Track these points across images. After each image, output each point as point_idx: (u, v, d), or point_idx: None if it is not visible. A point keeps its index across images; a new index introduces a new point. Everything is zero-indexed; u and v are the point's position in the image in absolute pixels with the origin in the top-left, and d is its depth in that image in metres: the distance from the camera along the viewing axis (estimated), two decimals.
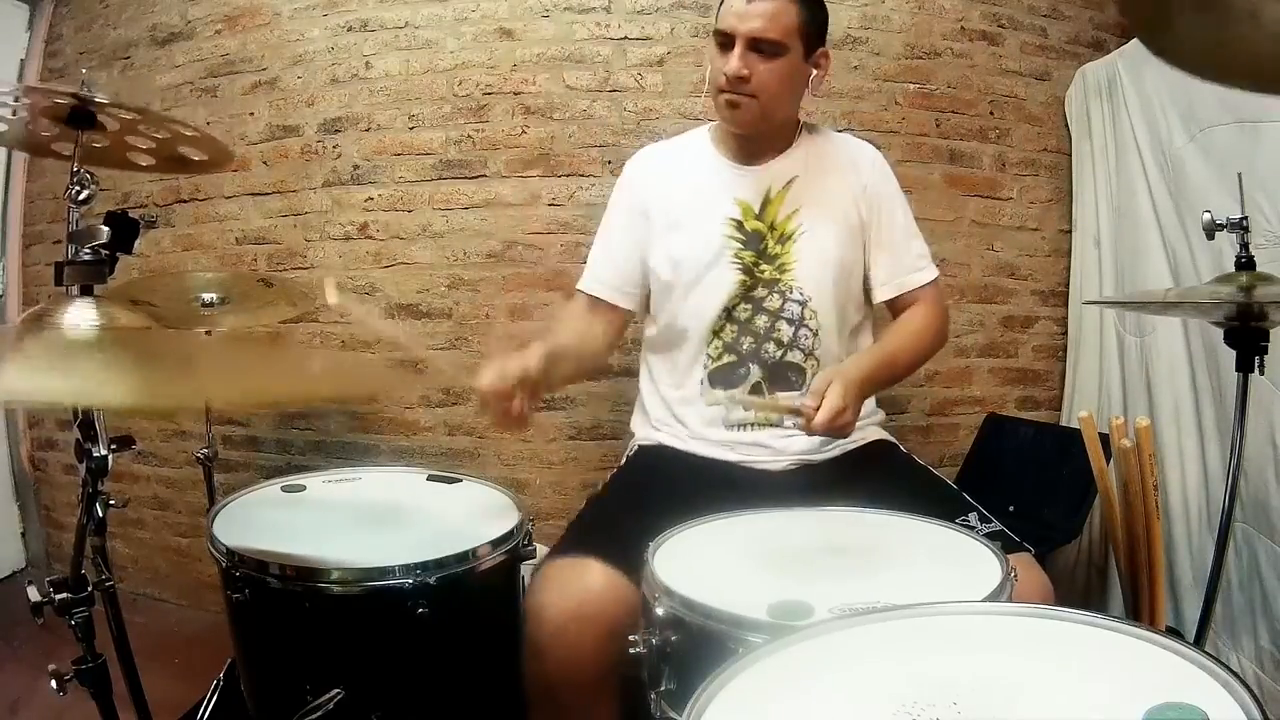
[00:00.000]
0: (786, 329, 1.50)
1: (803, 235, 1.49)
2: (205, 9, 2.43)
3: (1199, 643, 1.51)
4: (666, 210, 1.55)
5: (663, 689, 0.97)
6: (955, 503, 1.35)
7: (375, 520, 1.37)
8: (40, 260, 2.68)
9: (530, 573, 1.30)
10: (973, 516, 1.29)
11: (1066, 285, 2.44)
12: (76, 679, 1.09)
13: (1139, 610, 1.65)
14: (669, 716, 0.94)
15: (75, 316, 0.97)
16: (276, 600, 1.18)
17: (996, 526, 1.28)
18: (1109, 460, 1.67)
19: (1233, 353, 1.43)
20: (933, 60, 2.32)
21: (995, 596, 0.93)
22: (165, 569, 2.60)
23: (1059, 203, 2.43)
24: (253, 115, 2.38)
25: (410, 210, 2.31)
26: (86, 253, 1.02)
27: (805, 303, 1.49)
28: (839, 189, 1.52)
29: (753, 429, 1.49)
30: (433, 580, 1.16)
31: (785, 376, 1.50)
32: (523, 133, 2.25)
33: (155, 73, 2.48)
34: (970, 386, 2.40)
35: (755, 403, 1.47)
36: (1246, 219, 1.41)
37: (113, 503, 1.12)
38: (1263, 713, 0.60)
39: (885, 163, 1.58)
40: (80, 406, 1.05)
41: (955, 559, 1.06)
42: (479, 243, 2.29)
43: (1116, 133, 2.22)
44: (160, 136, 1.25)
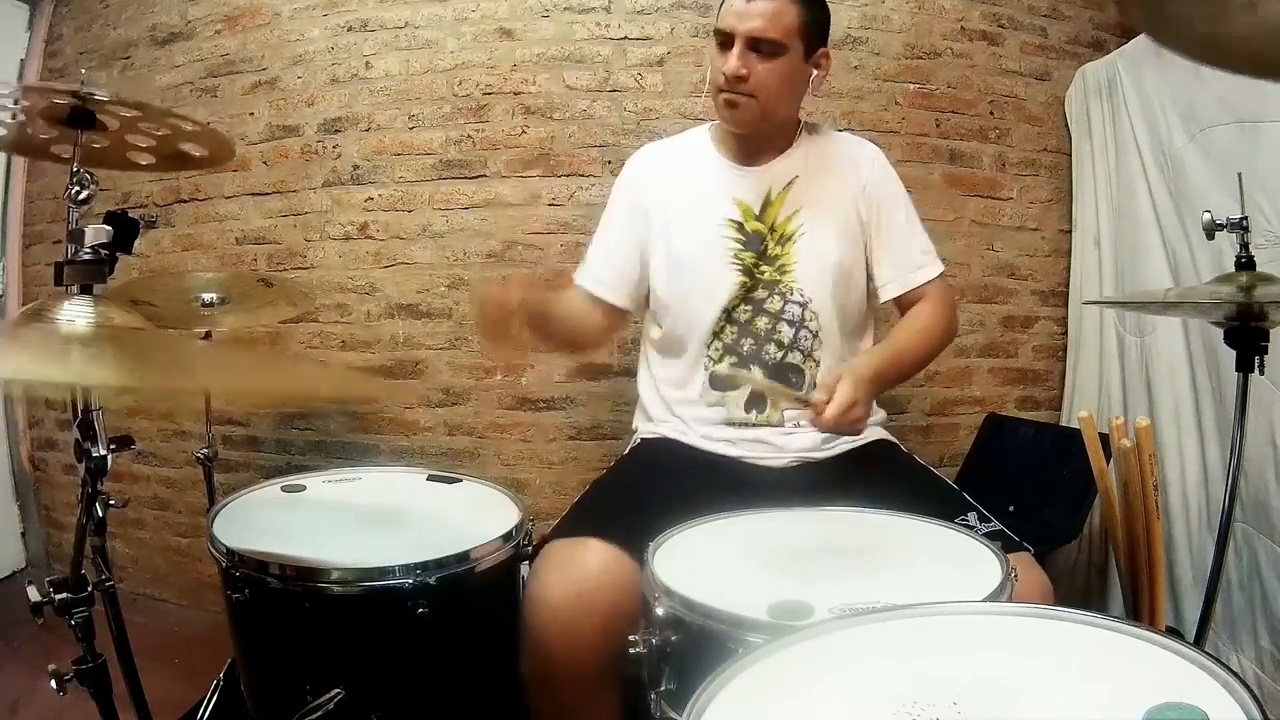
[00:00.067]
0: (787, 330, 1.49)
1: (803, 236, 1.49)
2: (205, 9, 2.43)
3: (1199, 643, 1.51)
4: (666, 210, 1.55)
5: (663, 689, 0.97)
6: (955, 502, 1.35)
7: (375, 520, 1.38)
8: (40, 260, 2.68)
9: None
10: (973, 516, 1.29)
11: (1066, 285, 2.44)
12: (76, 679, 1.09)
13: (1139, 610, 1.65)
14: (669, 716, 0.94)
15: (70, 312, 0.97)
16: (276, 600, 1.18)
17: (996, 526, 1.28)
18: (1109, 460, 1.67)
19: (1233, 353, 1.43)
20: (933, 60, 2.32)
21: (995, 596, 0.93)
22: (165, 569, 2.60)
23: (1059, 203, 2.43)
24: (253, 115, 2.38)
25: (410, 210, 2.31)
26: (86, 252, 1.02)
27: (805, 304, 1.49)
28: (839, 189, 1.52)
29: (755, 427, 1.49)
30: (433, 580, 1.16)
31: (786, 378, 1.50)
32: (523, 133, 2.26)
33: (155, 73, 2.48)
34: (970, 386, 2.40)
35: (767, 386, 1.46)
36: (1246, 219, 1.41)
37: (113, 503, 1.12)
38: (1263, 713, 0.60)
39: (886, 161, 1.58)
40: (70, 388, 1.05)
41: (955, 559, 1.06)
42: (479, 243, 2.29)
43: (1116, 133, 2.22)
44: (160, 133, 1.25)
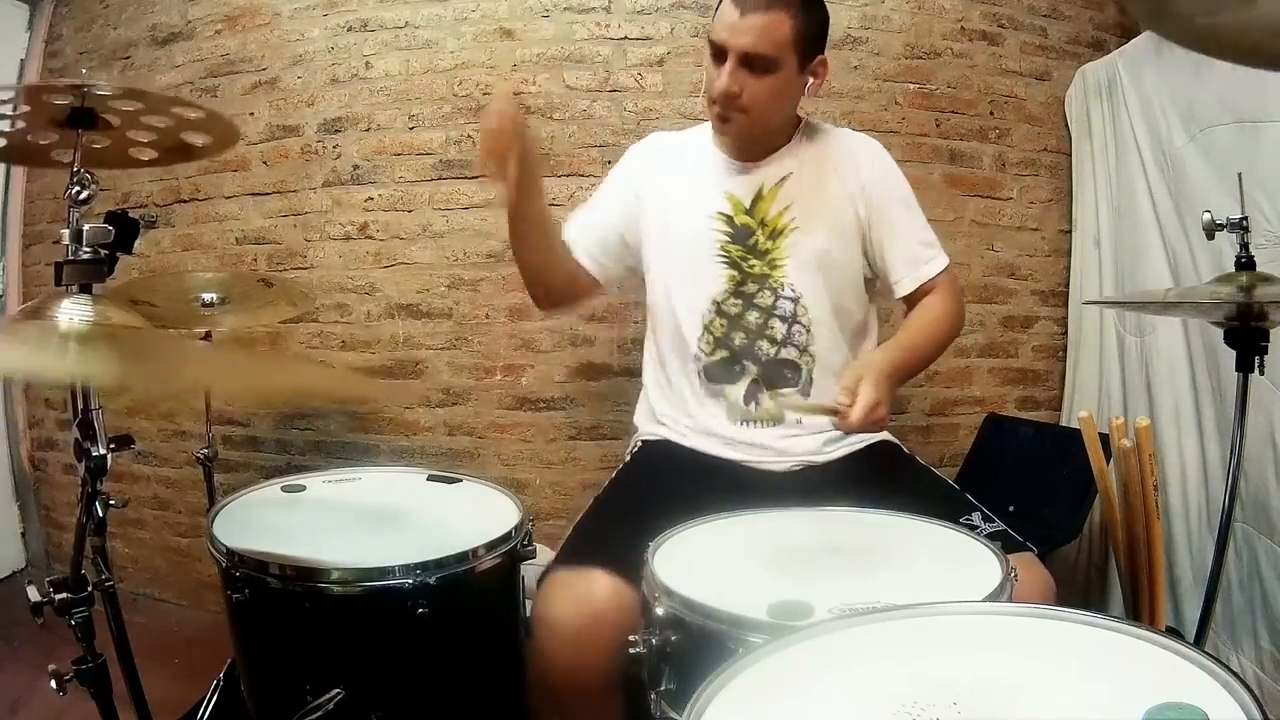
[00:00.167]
0: (780, 326, 1.49)
1: (794, 232, 1.49)
2: (205, 9, 2.43)
3: (1199, 643, 1.51)
4: (659, 199, 1.55)
5: (663, 689, 0.97)
6: (958, 503, 1.35)
7: (375, 520, 1.38)
8: (40, 260, 2.68)
9: (533, 575, 1.30)
10: (976, 516, 1.29)
11: (1066, 285, 2.44)
12: (76, 679, 1.09)
13: (1139, 610, 1.65)
14: (669, 716, 0.94)
15: (68, 310, 0.97)
16: (276, 600, 1.18)
17: (1000, 526, 1.28)
18: (1109, 460, 1.67)
19: (1233, 353, 1.43)
20: (933, 60, 2.32)
21: (995, 596, 0.93)
22: (165, 569, 2.60)
23: (1059, 203, 2.43)
24: (253, 115, 2.38)
25: (410, 210, 2.31)
26: (86, 252, 1.02)
27: (797, 299, 1.49)
28: (835, 187, 1.51)
29: (758, 426, 1.49)
30: (433, 580, 1.16)
31: (781, 374, 1.50)
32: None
33: (155, 73, 2.48)
34: (970, 386, 2.40)
35: (795, 405, 1.47)
36: (1246, 219, 1.41)
37: (113, 503, 1.12)
38: (1263, 713, 0.60)
39: (886, 156, 1.56)
40: (65, 383, 1.05)
41: (955, 559, 1.06)
42: (479, 243, 2.29)
43: (1116, 133, 2.22)
44: (163, 125, 1.23)
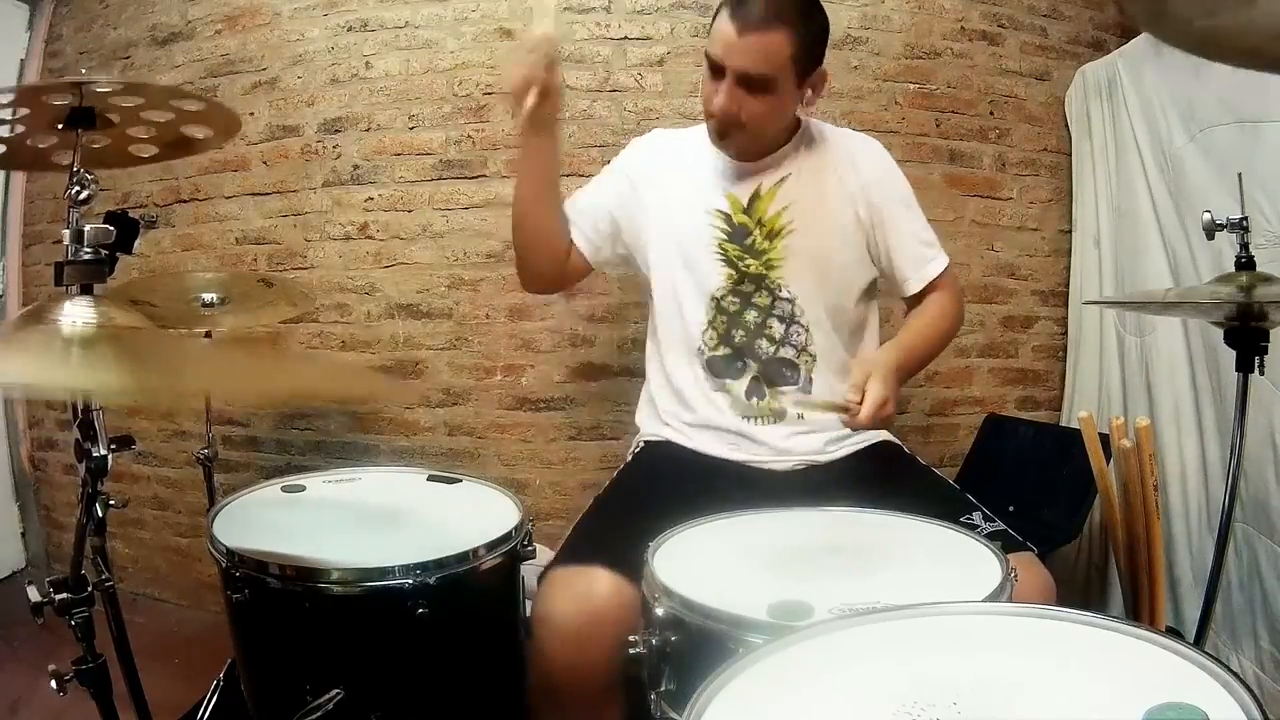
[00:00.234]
0: (778, 326, 1.50)
1: (792, 233, 1.49)
2: (205, 9, 2.43)
3: (1199, 643, 1.51)
4: (658, 194, 1.55)
5: (663, 689, 0.97)
6: (959, 503, 1.35)
7: (375, 520, 1.37)
8: (40, 260, 2.68)
9: (532, 575, 1.30)
10: (976, 516, 1.30)
11: (1066, 285, 2.44)
12: (76, 679, 1.09)
13: (1139, 610, 1.65)
14: (669, 716, 0.94)
15: (71, 313, 0.97)
16: (276, 600, 1.18)
17: (1000, 526, 1.28)
18: (1109, 460, 1.67)
19: (1233, 353, 1.43)
20: (933, 60, 2.32)
21: (995, 596, 0.93)
22: (165, 569, 2.60)
23: (1059, 203, 2.43)
24: (253, 115, 2.37)
25: (410, 210, 2.31)
26: (86, 252, 1.01)
27: (794, 300, 1.49)
28: (835, 188, 1.51)
29: (760, 423, 1.49)
30: (433, 580, 1.15)
31: (780, 372, 1.50)
32: None
33: (155, 73, 2.48)
34: (970, 386, 2.40)
35: (806, 403, 1.49)
36: (1246, 219, 1.41)
37: (113, 503, 1.12)
38: (1263, 713, 0.60)
39: (887, 156, 1.57)
40: (72, 395, 1.04)
41: (955, 559, 1.06)
42: (479, 243, 2.29)
43: (1116, 133, 2.22)
44: (163, 120, 1.23)
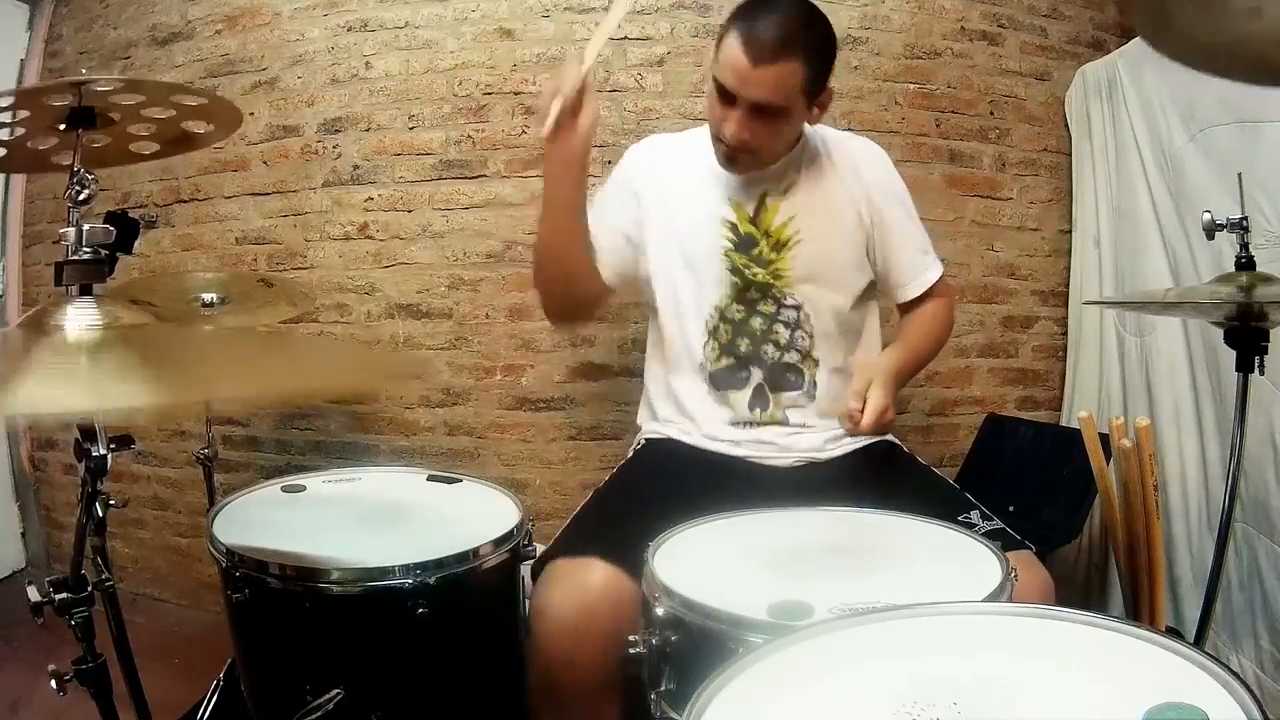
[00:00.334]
0: (784, 332, 1.50)
1: (799, 243, 1.49)
2: (205, 9, 2.43)
3: (1199, 643, 1.51)
4: (662, 203, 1.54)
5: (663, 689, 0.97)
6: (957, 502, 1.35)
7: (375, 520, 1.38)
8: (40, 260, 2.68)
9: (530, 570, 1.30)
10: (975, 515, 1.30)
11: (1066, 285, 2.44)
12: (76, 679, 1.09)
13: (1139, 610, 1.65)
14: (669, 716, 0.94)
15: (78, 318, 0.96)
16: (276, 600, 1.18)
17: (998, 525, 1.28)
18: (1109, 460, 1.67)
19: (1233, 353, 1.43)
20: (933, 60, 2.32)
21: (995, 596, 0.93)
22: (165, 569, 2.60)
23: (1059, 203, 2.43)
24: (253, 115, 2.37)
25: (410, 210, 2.31)
26: (86, 252, 1.01)
27: (800, 306, 1.49)
28: (840, 195, 1.51)
29: (760, 426, 1.50)
30: (432, 580, 1.16)
31: (785, 377, 1.50)
32: (523, 133, 2.25)
33: (155, 73, 2.48)
34: (970, 386, 2.40)
35: (820, 410, 1.50)
36: (1246, 219, 1.41)
37: (113, 503, 1.11)
38: (1263, 713, 0.60)
39: (888, 161, 1.58)
40: (102, 417, 1.02)
41: (955, 559, 1.06)
42: (479, 243, 2.29)
43: (1116, 133, 2.22)
44: (163, 116, 1.22)
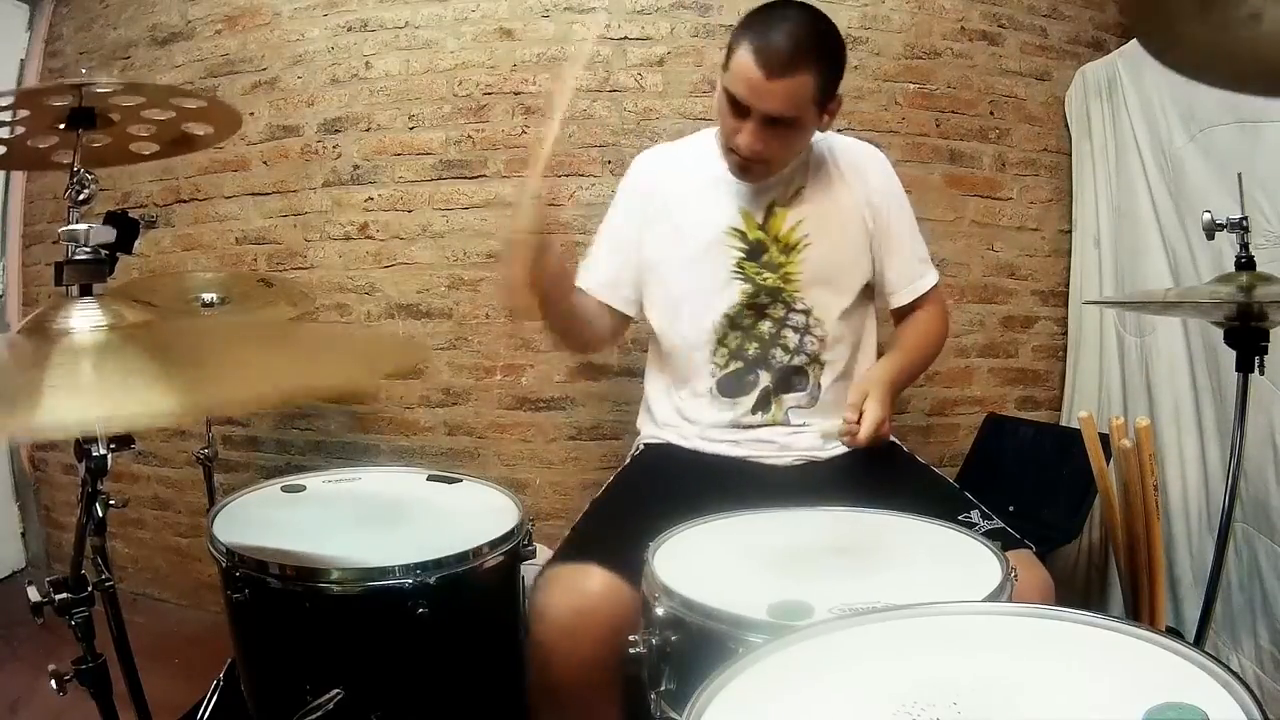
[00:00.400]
0: (793, 336, 1.50)
1: (808, 247, 1.49)
2: (205, 9, 2.43)
3: (1199, 643, 1.51)
4: (669, 213, 1.54)
5: (663, 689, 0.97)
6: (957, 501, 1.35)
7: (375, 520, 1.38)
8: (40, 260, 2.68)
9: (532, 575, 1.30)
10: (974, 514, 1.30)
11: (1066, 285, 2.44)
12: (76, 679, 1.09)
13: (1139, 610, 1.65)
14: (669, 716, 0.94)
15: (84, 320, 0.95)
16: (276, 600, 1.18)
17: (998, 524, 1.28)
18: (1109, 460, 1.67)
19: (1233, 353, 1.43)
20: (933, 60, 2.32)
21: (995, 596, 0.93)
22: (165, 569, 2.60)
23: (1059, 203, 2.43)
24: (253, 115, 2.37)
25: (410, 210, 2.31)
26: (86, 252, 1.01)
27: (809, 311, 1.49)
28: (846, 199, 1.52)
29: (760, 427, 1.50)
30: (432, 580, 1.16)
31: (791, 381, 1.51)
32: (523, 133, 2.25)
33: (155, 73, 2.48)
34: (970, 386, 2.40)
35: (824, 434, 1.50)
36: (1246, 219, 1.41)
37: (113, 503, 1.11)
38: (1263, 713, 0.60)
39: (889, 166, 1.58)
40: (126, 426, 1.01)
41: (955, 559, 1.06)
42: (479, 243, 2.29)
43: (1116, 133, 2.22)
44: (163, 118, 1.22)
